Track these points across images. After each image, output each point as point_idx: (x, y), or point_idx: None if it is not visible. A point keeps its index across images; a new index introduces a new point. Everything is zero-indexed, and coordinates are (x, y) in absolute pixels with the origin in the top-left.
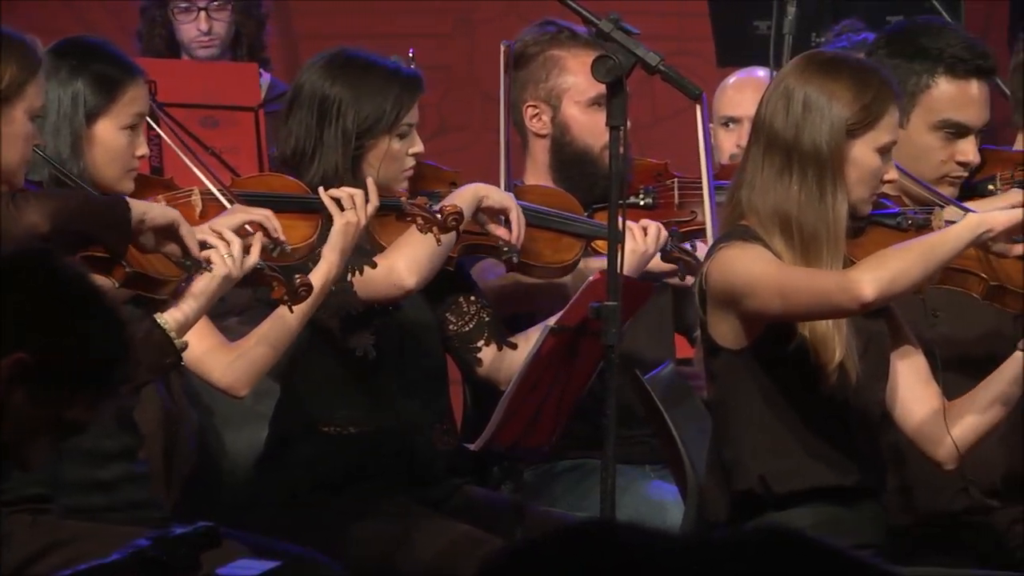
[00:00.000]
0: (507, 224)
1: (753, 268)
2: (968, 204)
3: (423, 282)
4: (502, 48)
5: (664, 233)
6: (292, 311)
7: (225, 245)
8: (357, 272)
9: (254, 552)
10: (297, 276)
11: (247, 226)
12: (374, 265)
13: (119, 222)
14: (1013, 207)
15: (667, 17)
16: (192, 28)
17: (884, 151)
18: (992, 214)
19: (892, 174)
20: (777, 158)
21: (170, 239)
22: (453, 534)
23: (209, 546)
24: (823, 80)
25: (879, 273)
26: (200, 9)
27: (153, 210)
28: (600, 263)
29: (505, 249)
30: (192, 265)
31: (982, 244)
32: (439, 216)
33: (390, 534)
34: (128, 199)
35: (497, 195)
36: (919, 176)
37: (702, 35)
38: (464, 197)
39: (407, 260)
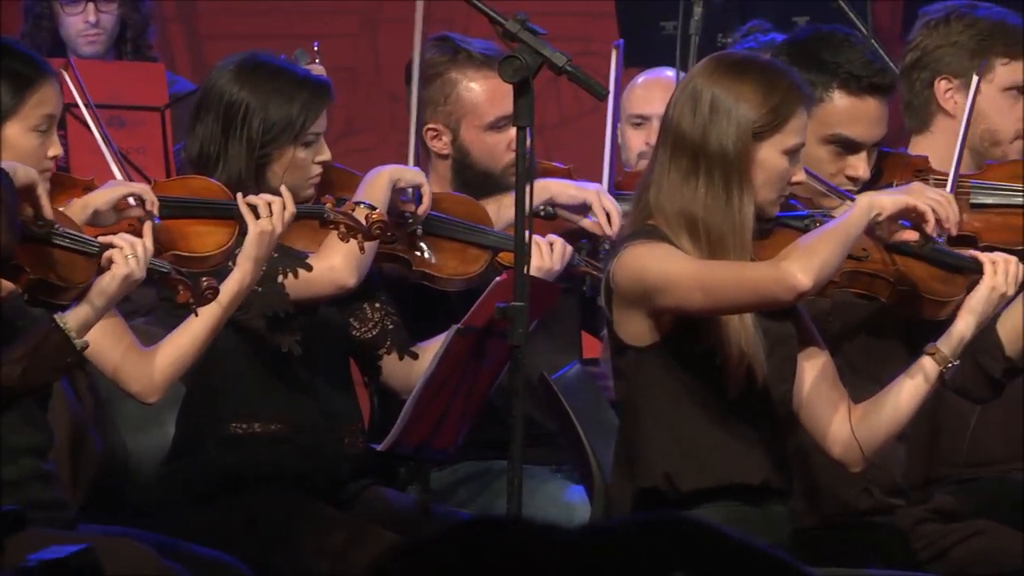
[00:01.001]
0: (416, 198)
1: (668, 264)
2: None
3: (361, 279)
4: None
5: (569, 249)
6: (197, 314)
7: (128, 245)
8: (291, 274)
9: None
10: (204, 279)
11: (130, 199)
12: (309, 268)
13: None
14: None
15: (574, 17)
16: (79, 20)
17: (791, 153)
18: (880, 197)
19: (799, 176)
20: (684, 160)
21: (27, 200)
22: (359, 535)
23: (12, 530)
24: (731, 82)
25: (810, 261)
26: (88, 1)
27: (18, 170)
28: None
29: (411, 221)
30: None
31: (870, 228)
32: (363, 224)
33: (297, 534)
34: None
35: (409, 174)
36: (806, 187)
37: (609, 35)
38: (378, 187)
39: (345, 258)
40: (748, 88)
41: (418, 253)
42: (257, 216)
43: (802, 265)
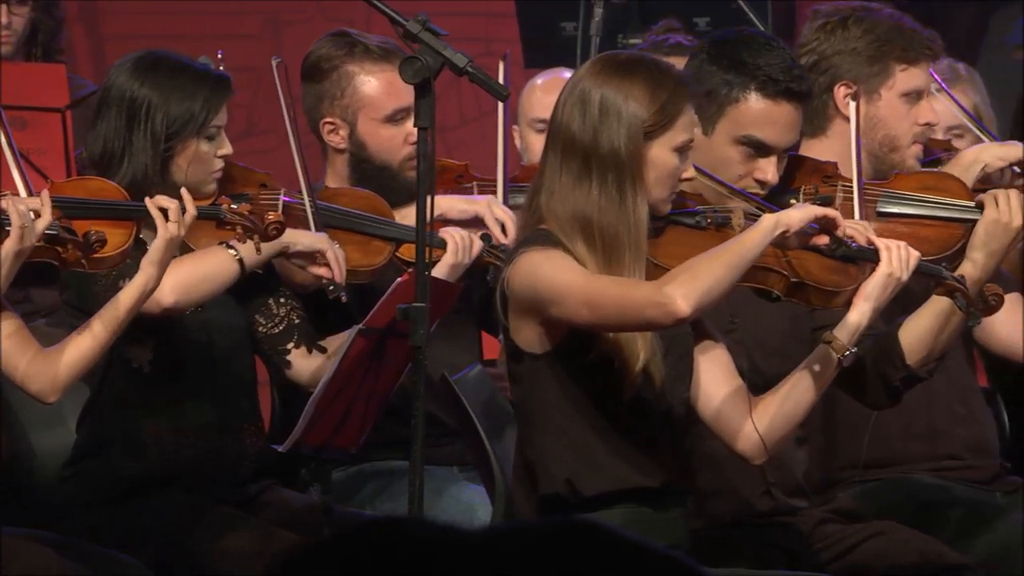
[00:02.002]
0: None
1: (558, 276)
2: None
3: (190, 303)
4: (273, 65)
5: (479, 243)
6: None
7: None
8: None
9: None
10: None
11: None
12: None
13: None
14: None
15: (474, 18)
16: None
17: (681, 150)
18: (786, 214)
19: (689, 172)
20: (575, 162)
21: None
22: (261, 535)
23: None
24: (619, 82)
25: (693, 285)
26: (2, 2)
27: None
28: None
29: (331, 288)
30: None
31: (780, 243)
32: (260, 225)
33: (198, 536)
34: None
35: (306, 240)
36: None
37: (509, 36)
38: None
39: (174, 280)
40: (636, 88)
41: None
42: (167, 219)
43: (685, 291)
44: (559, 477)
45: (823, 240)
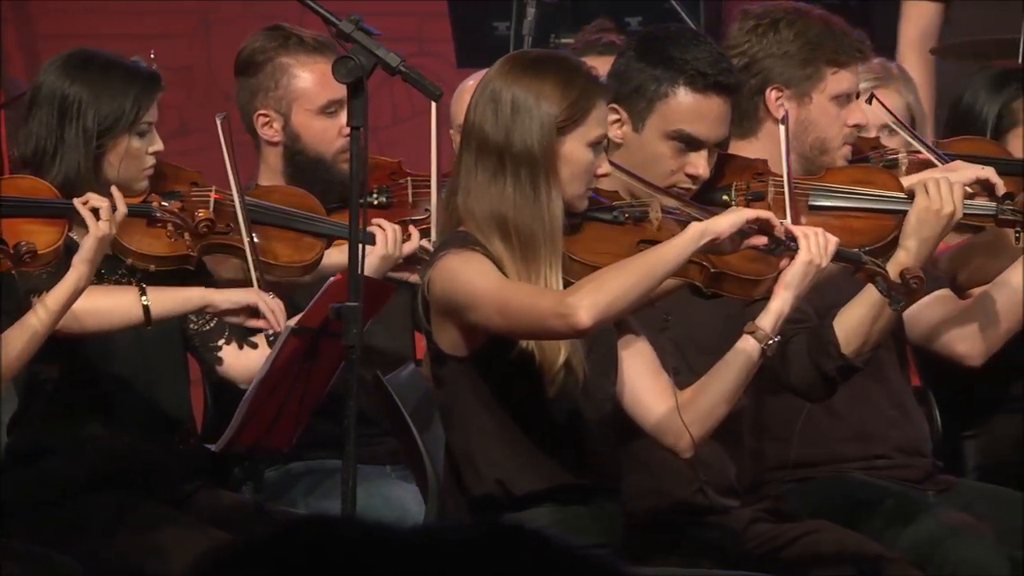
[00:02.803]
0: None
1: (475, 281)
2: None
3: (82, 329)
4: (218, 121)
5: (414, 239)
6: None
7: None
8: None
9: None
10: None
11: None
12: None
13: None
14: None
15: (407, 18)
16: None
17: (595, 145)
18: (715, 221)
19: (604, 168)
20: (490, 162)
21: None
22: (194, 534)
23: None
24: (529, 80)
25: (596, 298)
26: None
27: None
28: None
29: (270, 335)
30: None
31: (713, 250)
32: (190, 222)
33: (132, 537)
34: None
35: (233, 297)
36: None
37: (442, 36)
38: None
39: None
40: (547, 84)
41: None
42: (97, 218)
43: (588, 302)
44: (489, 478)
45: (761, 241)
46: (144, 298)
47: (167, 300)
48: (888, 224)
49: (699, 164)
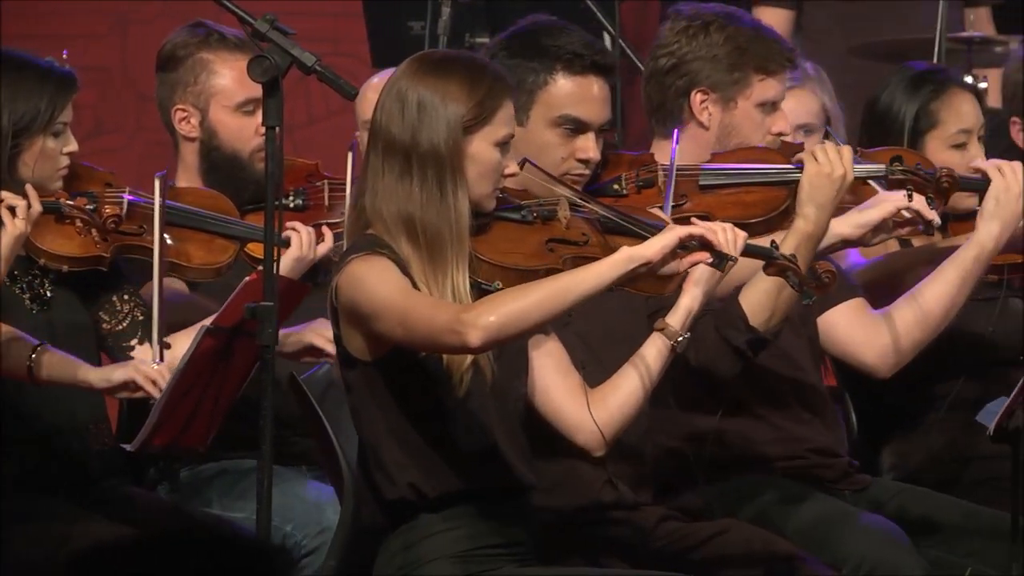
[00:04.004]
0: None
1: (378, 290)
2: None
3: None
4: (156, 181)
5: (327, 241)
6: None
7: None
8: None
9: None
10: None
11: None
12: None
13: None
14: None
15: (323, 18)
16: None
17: (502, 145)
18: (644, 247)
19: (512, 167)
20: (396, 162)
21: None
22: (109, 535)
23: None
24: (435, 80)
25: (491, 318)
26: None
27: None
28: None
29: (151, 402)
30: None
31: (650, 274)
32: (98, 218)
33: (46, 536)
34: None
35: (111, 375)
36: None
37: (357, 36)
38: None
39: None
40: (453, 84)
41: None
42: (13, 216)
43: (483, 322)
44: (402, 481)
45: (703, 257)
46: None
47: (56, 365)
48: (780, 195)
49: (588, 147)
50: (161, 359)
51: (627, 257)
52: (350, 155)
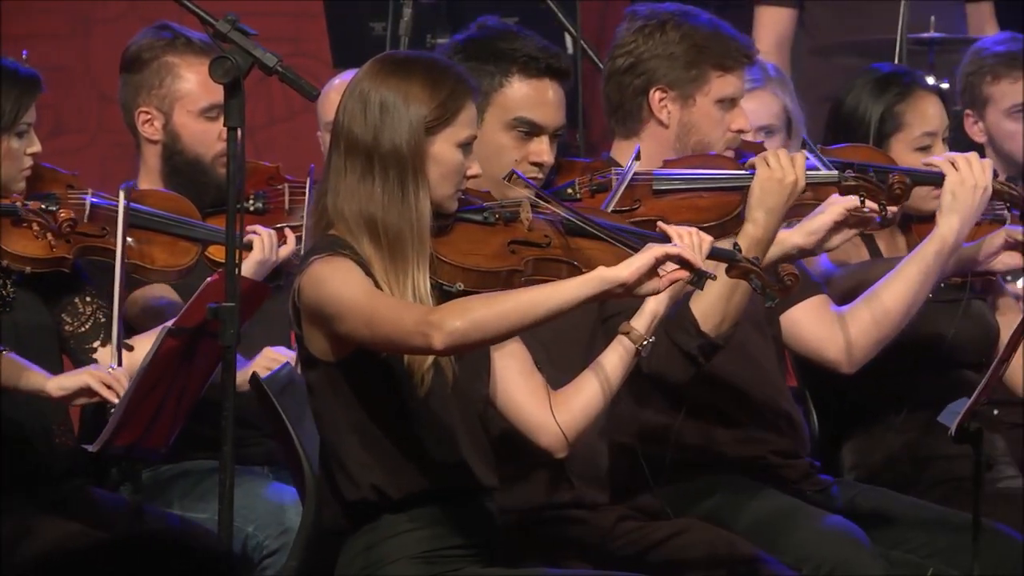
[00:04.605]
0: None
1: (342, 291)
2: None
3: None
4: (120, 192)
5: (293, 239)
6: None
7: None
8: None
9: None
10: None
11: None
12: None
13: None
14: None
15: (284, 18)
16: None
17: (464, 146)
18: (618, 269)
19: (475, 169)
20: (358, 162)
21: None
22: (70, 536)
23: None
24: (398, 81)
25: (458, 324)
26: None
27: None
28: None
29: (111, 408)
30: None
31: (628, 294)
32: (54, 222)
33: (6, 536)
34: None
35: (67, 383)
36: (491, 177)
37: (319, 36)
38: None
39: None
40: (416, 85)
41: None
42: None
43: (449, 327)
44: (364, 482)
45: (683, 275)
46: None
47: (12, 372)
48: (734, 199)
49: (542, 151)
50: (119, 363)
51: (601, 278)
52: (309, 180)
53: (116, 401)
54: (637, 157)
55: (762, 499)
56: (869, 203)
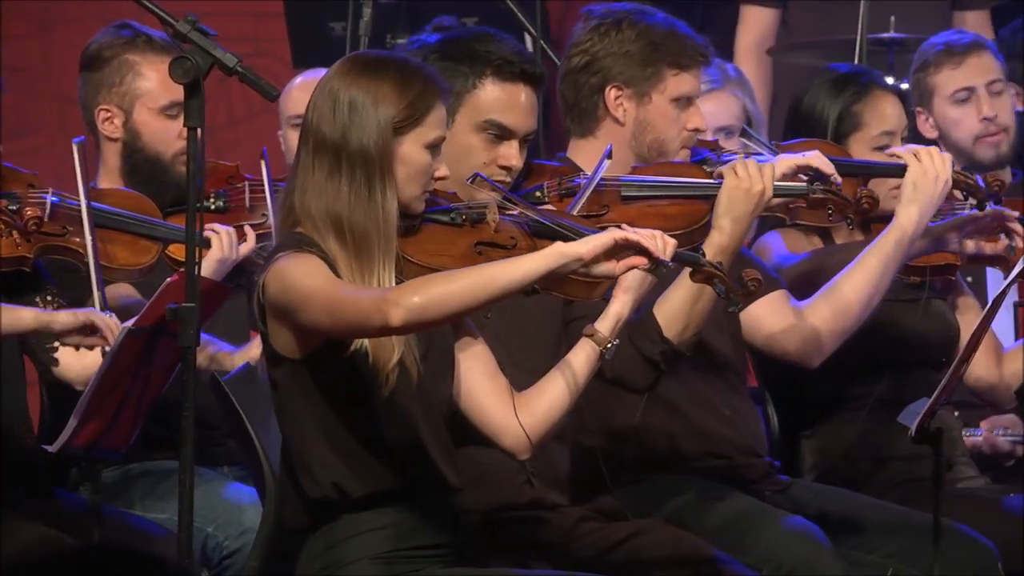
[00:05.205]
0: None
1: (305, 281)
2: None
3: None
4: (74, 145)
5: (250, 241)
6: None
7: None
8: None
9: None
10: None
11: None
12: None
13: None
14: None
15: (244, 18)
16: None
17: (432, 147)
18: (576, 244)
19: (443, 171)
20: (326, 160)
21: None
22: (30, 536)
23: None
24: (368, 81)
25: (412, 299)
26: None
27: None
28: None
29: (107, 349)
30: None
31: (584, 271)
32: (19, 220)
33: None
34: None
35: (66, 318)
36: (459, 178)
37: (278, 36)
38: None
39: None
40: (385, 85)
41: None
42: None
43: (406, 302)
44: (325, 480)
45: (641, 261)
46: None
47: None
48: (701, 208)
49: (511, 155)
50: (104, 308)
51: (559, 252)
52: (263, 163)
53: (110, 347)
54: (609, 156)
55: (722, 500)
56: (817, 156)
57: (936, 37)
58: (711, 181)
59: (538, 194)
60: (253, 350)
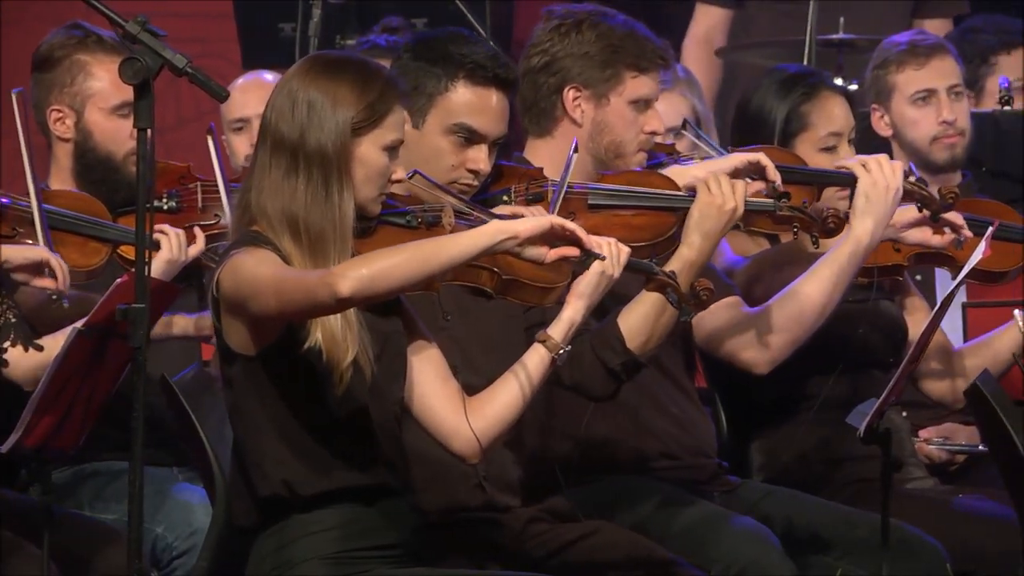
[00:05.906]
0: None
1: (256, 270)
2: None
3: None
4: (13, 96)
5: (199, 243)
6: None
7: None
8: None
9: None
10: None
11: None
12: None
13: None
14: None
15: (194, 19)
16: None
17: (390, 149)
18: (515, 223)
19: (399, 173)
20: (284, 160)
21: None
22: None
23: None
24: (327, 81)
25: (360, 271)
26: None
27: None
28: None
29: (54, 297)
30: None
31: (510, 251)
32: None
33: None
34: None
35: (25, 253)
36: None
37: (228, 37)
38: None
39: None
40: (344, 86)
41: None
42: None
43: (353, 273)
44: (276, 478)
45: (572, 252)
46: None
47: None
48: (668, 220)
49: (479, 159)
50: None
51: (496, 229)
52: (210, 138)
53: (62, 289)
54: (575, 150)
55: (670, 500)
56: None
57: (899, 36)
58: (680, 193)
59: (505, 198)
60: None
